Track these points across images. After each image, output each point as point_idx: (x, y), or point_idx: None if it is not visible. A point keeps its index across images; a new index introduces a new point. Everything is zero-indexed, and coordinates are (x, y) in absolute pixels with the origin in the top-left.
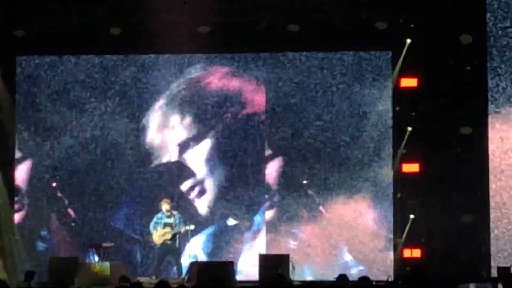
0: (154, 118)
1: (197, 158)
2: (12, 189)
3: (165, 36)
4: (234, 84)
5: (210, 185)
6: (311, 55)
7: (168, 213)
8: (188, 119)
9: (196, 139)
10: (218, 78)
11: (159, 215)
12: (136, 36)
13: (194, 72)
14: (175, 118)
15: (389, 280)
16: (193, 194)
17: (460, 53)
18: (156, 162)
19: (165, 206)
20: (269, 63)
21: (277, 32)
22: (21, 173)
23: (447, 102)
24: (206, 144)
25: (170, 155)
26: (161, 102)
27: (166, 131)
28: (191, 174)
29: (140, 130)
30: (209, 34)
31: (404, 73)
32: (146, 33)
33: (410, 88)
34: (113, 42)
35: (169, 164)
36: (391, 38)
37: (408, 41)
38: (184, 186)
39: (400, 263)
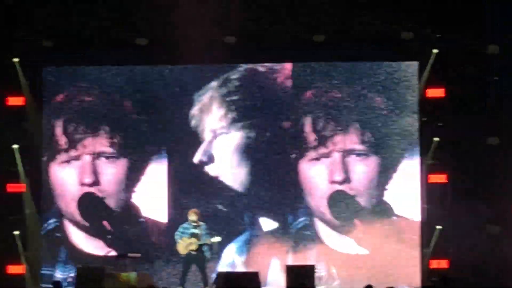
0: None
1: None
2: (39, 199)
3: (192, 46)
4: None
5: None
6: (337, 65)
7: (195, 224)
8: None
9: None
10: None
11: (185, 225)
12: (163, 46)
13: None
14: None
15: None
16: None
17: (487, 63)
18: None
19: (192, 216)
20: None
21: (302, 43)
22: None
23: (474, 112)
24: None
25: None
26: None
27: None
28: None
29: None
30: (235, 44)
31: (431, 83)
32: (172, 44)
33: (437, 98)
34: (140, 52)
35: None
36: (418, 49)
37: (435, 51)
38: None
39: (427, 274)
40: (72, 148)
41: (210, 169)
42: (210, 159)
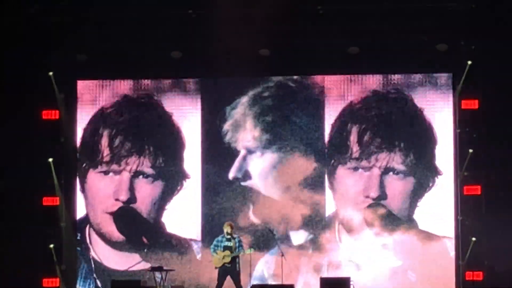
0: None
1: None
2: (73, 212)
3: (225, 59)
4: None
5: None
6: (370, 77)
7: (229, 236)
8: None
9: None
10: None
11: (219, 238)
12: (196, 59)
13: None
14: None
15: None
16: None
17: None
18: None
19: (227, 228)
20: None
21: (338, 54)
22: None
23: (508, 124)
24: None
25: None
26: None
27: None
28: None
29: None
30: (269, 57)
31: (465, 94)
32: (206, 57)
33: (471, 110)
34: (174, 65)
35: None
36: (452, 60)
37: (469, 62)
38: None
39: (463, 286)
40: (115, 162)
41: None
42: (246, 175)
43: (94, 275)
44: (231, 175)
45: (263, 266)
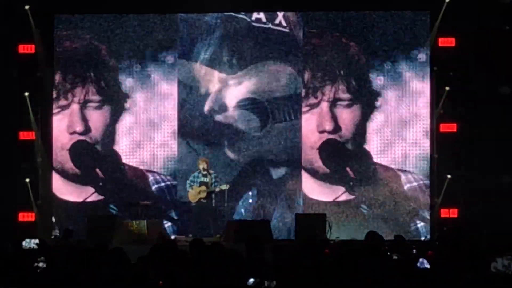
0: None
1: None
2: (50, 147)
3: None
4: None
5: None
6: (349, 15)
7: (205, 172)
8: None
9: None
10: None
11: (196, 173)
12: None
13: None
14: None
15: (425, 239)
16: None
17: (498, 12)
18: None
19: (202, 165)
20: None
21: None
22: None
23: (485, 62)
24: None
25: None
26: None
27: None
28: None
29: None
30: None
31: (442, 33)
32: None
33: (448, 48)
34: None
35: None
36: None
37: (447, 0)
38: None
39: (437, 223)
40: (62, 97)
41: (221, 118)
42: (221, 108)
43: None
44: (207, 107)
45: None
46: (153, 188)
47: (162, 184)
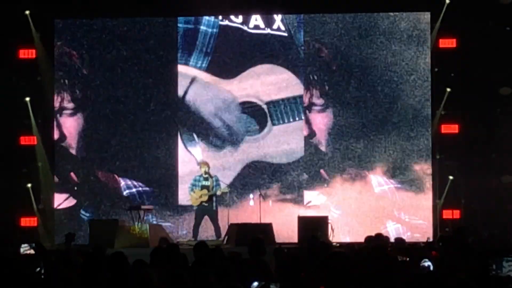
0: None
1: None
2: (52, 151)
3: None
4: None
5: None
6: (349, 16)
7: (206, 175)
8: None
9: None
10: None
11: (197, 177)
12: None
13: None
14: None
15: (428, 241)
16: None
17: (499, 13)
18: None
19: (203, 168)
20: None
21: None
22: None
23: (486, 63)
24: None
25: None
26: None
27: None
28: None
29: None
30: None
31: (443, 34)
32: None
33: (449, 49)
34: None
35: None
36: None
37: (447, 1)
38: None
39: (440, 224)
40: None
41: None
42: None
43: None
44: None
45: None
46: (125, 193)
47: (133, 190)
